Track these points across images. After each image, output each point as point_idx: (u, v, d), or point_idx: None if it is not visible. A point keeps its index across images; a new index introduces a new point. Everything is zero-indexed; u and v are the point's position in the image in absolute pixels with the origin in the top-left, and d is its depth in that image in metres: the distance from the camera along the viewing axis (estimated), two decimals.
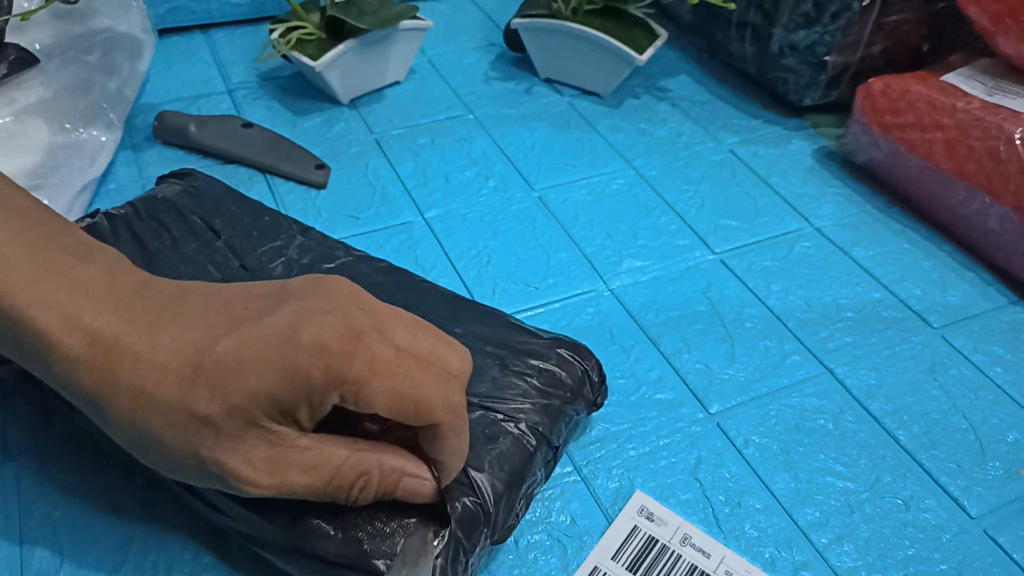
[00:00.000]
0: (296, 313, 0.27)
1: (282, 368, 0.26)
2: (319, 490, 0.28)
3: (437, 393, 0.28)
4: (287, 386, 0.26)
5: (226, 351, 0.26)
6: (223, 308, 0.28)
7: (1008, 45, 0.51)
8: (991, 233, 0.50)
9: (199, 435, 0.27)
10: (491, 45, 0.69)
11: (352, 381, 0.26)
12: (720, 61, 0.69)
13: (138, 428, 0.27)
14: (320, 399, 0.27)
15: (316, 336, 0.26)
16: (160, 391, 0.26)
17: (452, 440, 0.29)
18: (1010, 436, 0.41)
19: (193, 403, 0.26)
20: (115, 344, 0.27)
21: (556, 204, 0.53)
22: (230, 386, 0.26)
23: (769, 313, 0.47)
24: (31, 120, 0.49)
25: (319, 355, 0.26)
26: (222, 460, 0.27)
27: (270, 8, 0.69)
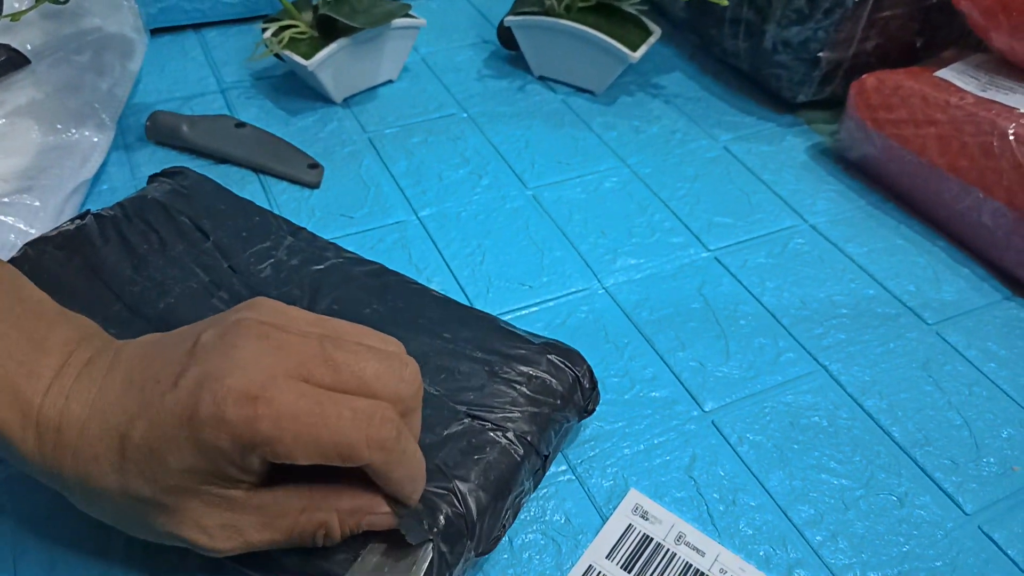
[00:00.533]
0: (195, 383, 0.26)
1: (191, 445, 0.26)
2: (282, 543, 0.29)
3: (358, 433, 0.26)
4: (204, 459, 0.26)
5: (141, 436, 0.27)
6: (142, 379, 0.28)
7: (1001, 40, 0.51)
8: (985, 229, 0.50)
9: (149, 514, 0.28)
10: (484, 43, 0.69)
11: (262, 443, 0.25)
12: (714, 58, 0.69)
13: (95, 509, 0.29)
14: (243, 463, 0.26)
15: (213, 409, 0.25)
16: (101, 481, 0.27)
17: (393, 474, 0.28)
18: (1004, 432, 0.41)
19: (131, 488, 0.27)
20: (58, 439, 0.28)
21: (550, 202, 0.53)
22: (155, 469, 0.27)
23: (763, 310, 0.47)
24: (22, 121, 0.49)
25: (220, 427, 0.25)
26: (179, 532, 0.28)
27: (262, 7, 0.68)
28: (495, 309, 0.46)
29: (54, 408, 0.28)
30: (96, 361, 0.29)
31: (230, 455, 0.26)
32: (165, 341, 0.29)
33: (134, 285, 0.39)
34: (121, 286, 0.39)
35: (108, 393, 0.28)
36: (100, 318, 0.33)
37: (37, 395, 0.28)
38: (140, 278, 0.40)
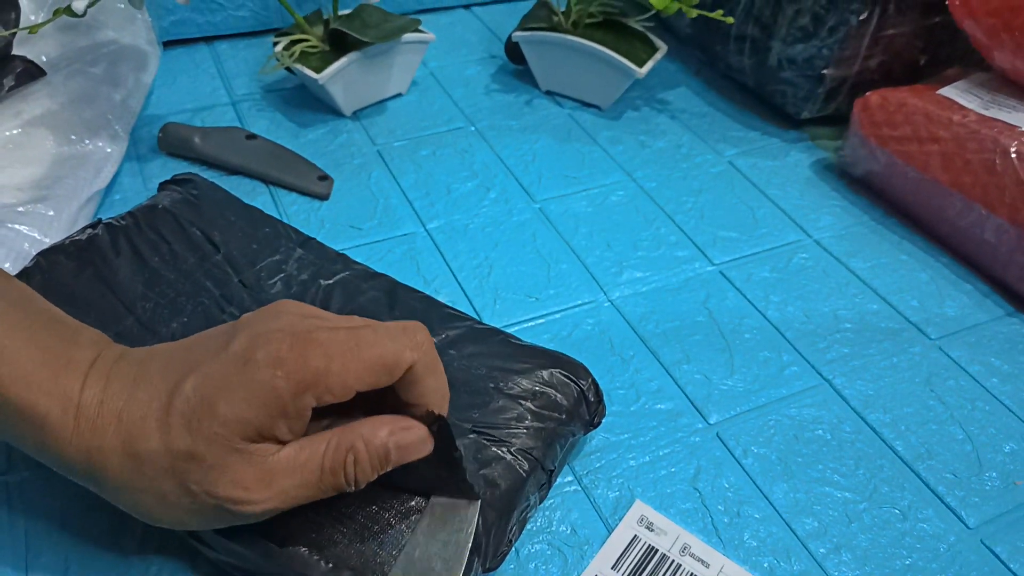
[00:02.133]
0: (249, 339, 0.28)
1: (246, 389, 0.27)
2: (315, 484, 0.29)
3: (396, 342, 0.29)
4: (256, 403, 0.27)
5: (192, 388, 0.28)
6: (185, 356, 0.29)
7: (1003, 59, 0.52)
8: (987, 245, 0.50)
9: (186, 472, 0.28)
10: (492, 58, 0.70)
11: (314, 376, 0.27)
12: (719, 74, 0.70)
13: (129, 486, 0.28)
14: (294, 408, 0.28)
15: (270, 351, 0.28)
16: (143, 441, 0.28)
17: (429, 379, 0.30)
18: (1007, 447, 0.42)
19: (173, 442, 0.27)
20: (99, 411, 0.28)
21: (557, 215, 0.54)
22: (202, 418, 0.27)
23: (768, 324, 0.48)
24: (37, 132, 0.50)
25: (276, 366, 0.27)
26: (214, 490, 0.28)
27: (274, 21, 0.69)
28: (502, 321, 0.46)
29: (92, 389, 0.29)
30: (129, 355, 0.31)
31: (283, 398, 0.27)
32: (196, 337, 0.31)
33: (146, 301, 0.40)
34: (133, 301, 0.39)
35: (152, 369, 0.29)
36: (112, 332, 0.33)
37: (77, 382, 0.29)
38: (152, 294, 0.40)
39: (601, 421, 0.39)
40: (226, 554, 0.31)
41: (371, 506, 0.31)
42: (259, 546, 0.30)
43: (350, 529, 0.31)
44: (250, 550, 0.30)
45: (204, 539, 0.32)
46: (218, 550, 0.31)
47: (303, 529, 0.31)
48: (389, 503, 0.32)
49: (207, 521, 0.29)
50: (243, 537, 0.31)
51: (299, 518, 0.31)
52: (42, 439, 0.28)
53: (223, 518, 0.29)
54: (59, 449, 0.28)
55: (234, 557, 0.31)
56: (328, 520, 0.31)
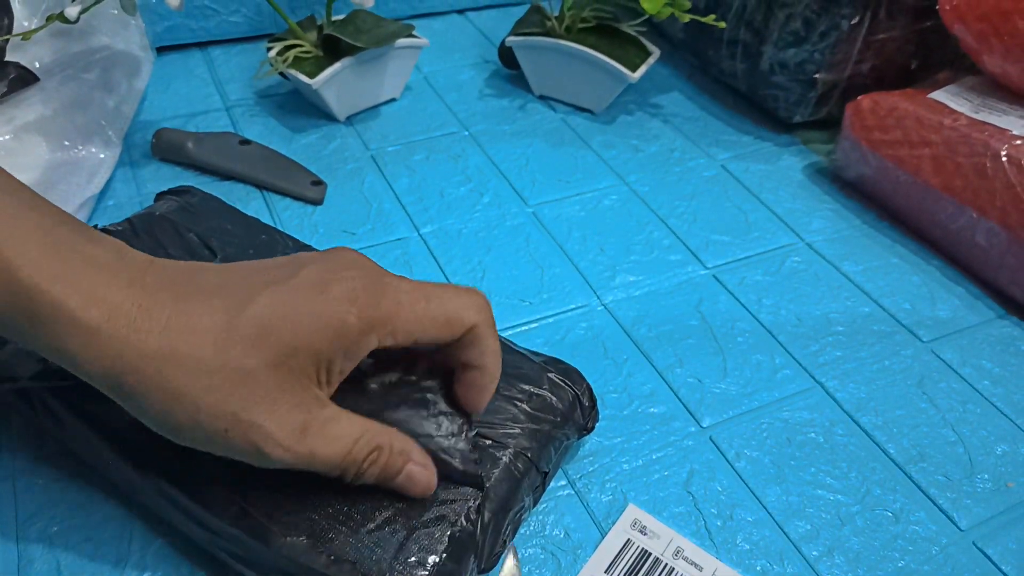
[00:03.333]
0: (320, 273, 0.29)
1: (320, 318, 0.27)
2: (336, 463, 0.29)
3: (461, 301, 0.30)
4: (326, 335, 0.27)
5: (261, 309, 0.27)
6: (242, 279, 0.29)
7: (993, 63, 0.52)
8: (978, 248, 0.50)
9: (235, 394, 0.27)
10: (486, 62, 0.70)
11: (384, 317, 0.29)
12: (712, 78, 0.70)
13: (168, 394, 0.27)
14: (356, 346, 0.28)
15: (345, 287, 0.28)
16: (195, 353, 0.26)
17: (489, 341, 0.32)
18: (998, 448, 0.42)
19: (231, 359, 0.27)
20: (137, 314, 0.26)
21: (550, 219, 0.54)
22: (270, 339, 0.27)
23: (760, 327, 0.48)
24: (30, 137, 0.50)
25: (351, 302, 0.28)
26: (259, 422, 0.27)
27: (267, 26, 0.69)
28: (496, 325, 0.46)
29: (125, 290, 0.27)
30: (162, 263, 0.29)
31: (349, 333, 0.28)
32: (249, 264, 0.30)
33: None
34: None
35: (202, 283, 0.28)
36: None
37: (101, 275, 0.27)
38: None
39: (595, 426, 0.39)
40: (228, 540, 0.31)
41: (367, 504, 0.32)
42: (262, 534, 0.31)
43: (347, 527, 0.31)
44: (253, 538, 0.31)
45: (207, 524, 0.32)
46: (221, 535, 0.31)
47: (304, 521, 0.31)
48: (387, 502, 0.32)
49: (227, 448, 0.28)
50: (246, 523, 0.31)
51: (300, 511, 0.31)
52: (63, 332, 0.26)
53: (247, 453, 0.28)
54: (84, 346, 0.26)
55: (236, 544, 0.31)
56: (327, 515, 0.31)
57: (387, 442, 0.30)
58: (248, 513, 0.31)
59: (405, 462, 0.31)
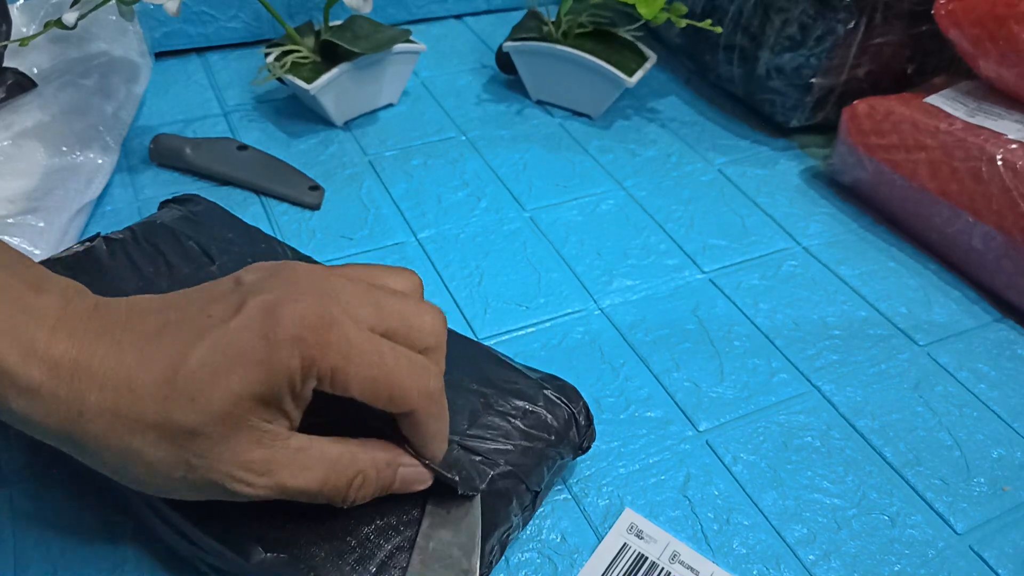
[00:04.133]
0: (264, 309, 0.27)
1: (262, 365, 0.26)
2: (314, 492, 0.28)
3: (410, 381, 0.28)
4: (268, 382, 0.26)
5: (200, 359, 0.26)
6: (182, 319, 0.27)
7: (989, 67, 0.52)
8: (975, 252, 0.51)
9: (186, 448, 0.26)
10: (483, 68, 0.70)
11: (327, 369, 0.27)
12: (708, 83, 0.70)
13: (116, 451, 0.26)
14: (300, 387, 0.27)
15: (292, 329, 0.26)
16: (135, 410, 0.26)
17: (431, 426, 0.30)
18: (994, 452, 0.42)
19: (174, 417, 0.26)
20: (76, 369, 0.26)
21: (547, 224, 0.54)
22: (211, 394, 0.26)
23: (757, 331, 0.48)
24: (28, 143, 0.50)
25: (296, 346, 0.26)
26: (217, 465, 0.27)
27: (265, 32, 0.70)
28: (492, 330, 0.46)
29: (64, 344, 0.26)
30: (106, 307, 0.28)
31: (294, 378, 0.27)
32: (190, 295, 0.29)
33: None
34: None
35: (143, 327, 0.27)
36: None
37: (41, 330, 0.26)
38: None
39: (591, 446, 0.38)
40: (210, 553, 0.31)
41: (350, 521, 0.31)
42: (243, 549, 0.30)
43: (330, 544, 0.31)
44: (234, 552, 0.30)
45: (190, 536, 0.31)
46: (203, 548, 0.31)
47: (286, 538, 0.31)
48: (370, 521, 0.31)
49: (196, 494, 0.28)
50: (228, 538, 0.31)
51: (283, 527, 0.31)
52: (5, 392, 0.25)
53: (214, 494, 0.28)
54: (28, 405, 0.26)
55: (217, 558, 0.31)
56: (309, 532, 0.31)
57: (369, 462, 0.29)
58: (230, 528, 0.31)
59: (395, 471, 0.30)
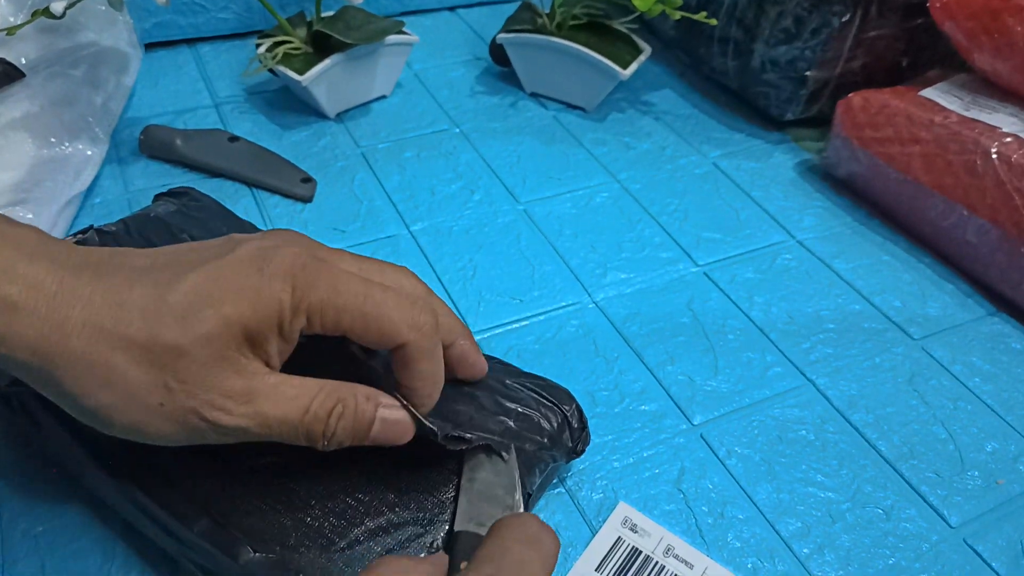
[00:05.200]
0: (257, 249, 0.28)
1: (253, 295, 0.26)
2: (295, 422, 0.28)
3: (400, 314, 0.29)
4: (258, 312, 0.26)
5: (193, 284, 0.26)
6: (172, 259, 0.28)
7: (983, 61, 0.52)
8: (969, 245, 0.50)
9: (168, 369, 0.26)
10: (477, 60, 0.70)
11: (317, 303, 0.27)
12: (703, 76, 0.70)
13: (96, 371, 0.25)
14: (289, 326, 0.27)
15: (281, 264, 0.27)
16: (121, 326, 0.25)
17: (422, 363, 0.30)
18: (988, 446, 0.42)
19: (161, 334, 0.25)
20: (60, 289, 0.25)
21: (541, 217, 0.54)
22: (201, 314, 0.26)
23: (751, 325, 0.48)
24: (16, 134, 0.49)
25: (285, 280, 0.27)
26: (195, 391, 0.26)
27: (256, 23, 0.69)
28: (486, 323, 0.46)
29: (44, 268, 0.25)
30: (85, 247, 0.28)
31: (283, 312, 0.27)
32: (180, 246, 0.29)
33: None
34: None
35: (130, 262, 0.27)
36: None
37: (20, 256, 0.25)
38: None
39: (585, 449, 0.38)
40: (196, 552, 0.31)
41: (340, 521, 0.31)
42: (231, 548, 0.30)
43: (319, 544, 0.30)
44: (222, 551, 0.30)
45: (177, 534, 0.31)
46: (190, 546, 0.31)
47: (275, 537, 0.30)
48: (359, 522, 0.31)
49: (171, 427, 0.27)
50: (216, 536, 0.30)
51: (271, 526, 0.31)
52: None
53: (190, 426, 0.27)
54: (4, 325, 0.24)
55: (204, 557, 0.31)
56: (298, 532, 0.31)
57: (349, 392, 0.29)
58: (218, 526, 0.30)
59: (375, 407, 0.29)
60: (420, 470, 0.33)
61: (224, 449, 0.33)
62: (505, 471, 0.32)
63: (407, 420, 0.30)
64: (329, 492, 0.32)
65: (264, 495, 0.31)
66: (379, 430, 0.30)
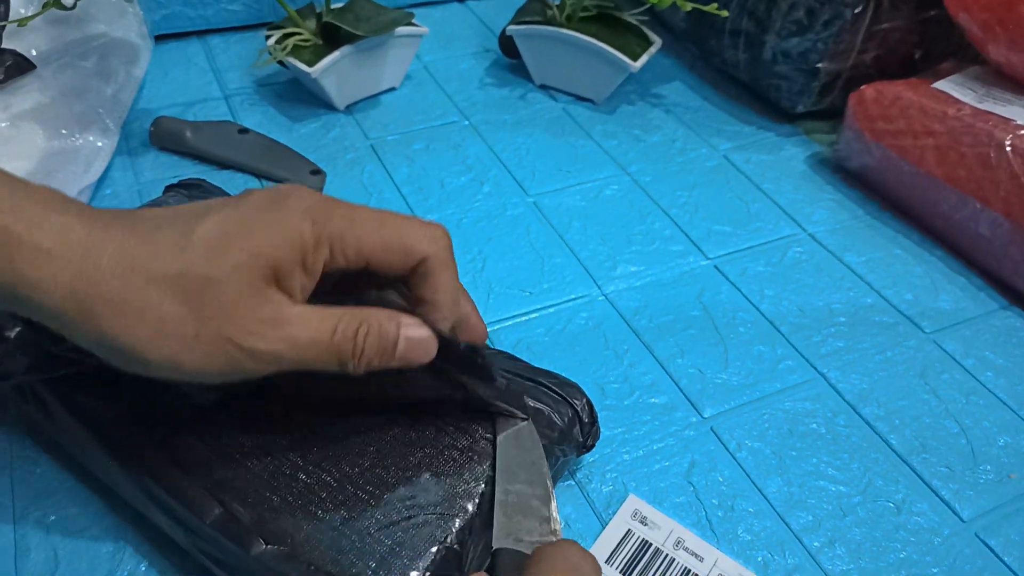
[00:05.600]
0: (274, 192, 0.29)
1: (276, 229, 0.28)
2: (325, 343, 0.28)
3: (420, 231, 0.30)
4: (282, 246, 0.28)
5: (217, 223, 0.27)
6: (193, 207, 0.29)
7: (998, 52, 0.52)
8: (982, 239, 0.50)
9: (200, 299, 0.26)
10: (486, 51, 0.69)
11: (336, 232, 0.29)
12: (714, 68, 0.69)
13: (131, 307, 0.26)
14: (312, 258, 0.28)
15: (301, 202, 0.29)
16: (153, 263, 0.26)
17: (443, 274, 0.31)
18: (1000, 440, 0.42)
19: (191, 267, 0.26)
20: (90, 236, 0.26)
21: (551, 209, 0.54)
22: (228, 247, 0.27)
23: (762, 318, 0.47)
24: (27, 125, 0.49)
25: (305, 214, 0.28)
26: (229, 319, 0.27)
27: (266, 15, 0.69)
28: (496, 315, 0.46)
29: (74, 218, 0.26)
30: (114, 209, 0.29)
31: (305, 244, 0.28)
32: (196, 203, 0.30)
33: None
34: None
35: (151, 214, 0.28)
36: None
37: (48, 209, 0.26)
38: None
39: (595, 443, 0.38)
40: (207, 542, 0.31)
41: (351, 513, 0.31)
42: (242, 539, 0.30)
43: (329, 537, 0.30)
44: (233, 542, 0.30)
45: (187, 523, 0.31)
46: (201, 536, 0.31)
47: (286, 529, 0.30)
48: (370, 515, 0.31)
49: (206, 359, 0.27)
50: (227, 527, 0.30)
51: (282, 517, 0.31)
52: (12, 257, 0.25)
53: (225, 356, 0.27)
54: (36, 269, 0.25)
55: (215, 547, 0.31)
56: (309, 524, 0.31)
57: (371, 313, 0.29)
58: (229, 517, 0.31)
59: (398, 326, 0.30)
60: (431, 464, 0.33)
61: (235, 436, 0.33)
62: (539, 481, 0.33)
63: (430, 336, 0.30)
64: (340, 485, 0.32)
65: (275, 487, 0.31)
66: (404, 349, 0.30)
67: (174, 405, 0.33)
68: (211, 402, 0.33)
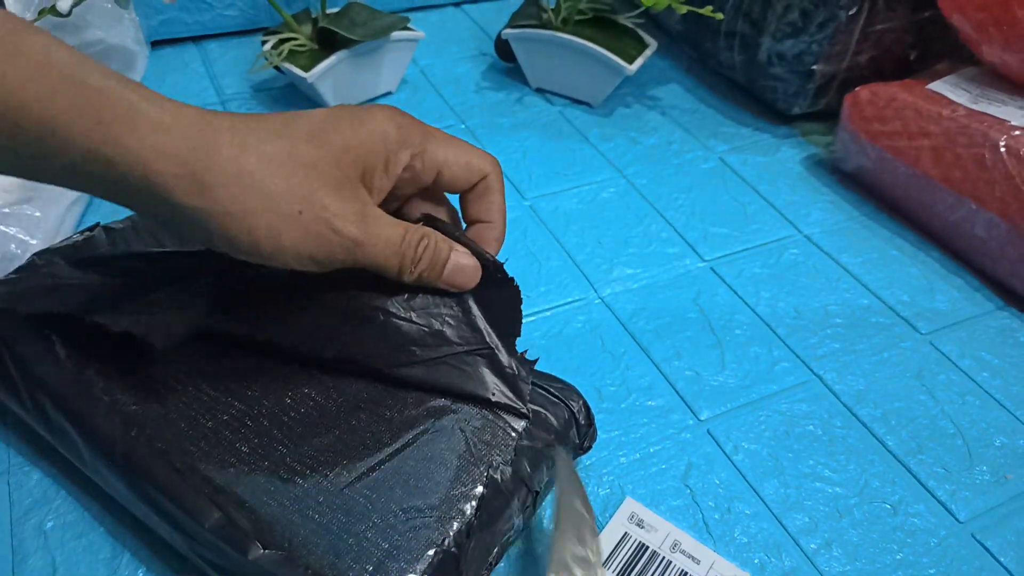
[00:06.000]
0: (358, 107, 0.32)
1: (365, 128, 0.31)
2: (396, 244, 0.32)
3: (480, 153, 0.35)
4: (371, 140, 0.31)
5: (313, 119, 0.30)
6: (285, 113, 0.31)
7: (992, 53, 0.52)
8: (978, 239, 0.50)
9: (305, 179, 0.29)
10: (482, 55, 0.70)
11: (417, 138, 0.33)
12: (710, 70, 0.70)
13: (242, 181, 0.28)
14: (395, 157, 0.32)
15: (382, 111, 0.32)
16: (263, 144, 0.29)
17: (497, 195, 0.35)
18: (997, 440, 0.42)
19: (297, 151, 0.29)
20: (203, 117, 0.28)
21: (547, 212, 0.54)
22: (326, 138, 0.30)
23: (758, 320, 0.47)
24: None
25: (391, 119, 0.32)
26: (328, 203, 0.30)
27: (262, 20, 0.69)
28: None
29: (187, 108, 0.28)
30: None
31: (389, 144, 0.32)
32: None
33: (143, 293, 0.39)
34: (128, 297, 0.39)
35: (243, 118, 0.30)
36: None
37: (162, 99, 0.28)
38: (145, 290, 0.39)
39: (591, 445, 0.38)
40: (206, 547, 0.31)
41: (348, 517, 0.31)
42: (240, 543, 0.30)
43: (327, 540, 0.30)
44: (231, 547, 0.30)
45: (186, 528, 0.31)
46: (199, 541, 0.31)
47: (284, 533, 0.30)
48: (367, 519, 0.31)
49: (303, 236, 0.30)
50: (226, 532, 0.30)
51: (280, 522, 0.31)
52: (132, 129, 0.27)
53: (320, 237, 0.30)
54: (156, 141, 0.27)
55: (213, 552, 0.31)
56: (307, 527, 0.31)
57: (431, 231, 0.33)
58: (227, 521, 0.31)
59: (450, 248, 0.34)
60: (428, 467, 0.33)
61: (233, 442, 0.33)
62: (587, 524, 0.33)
63: (476, 267, 0.34)
64: (337, 488, 0.32)
65: (273, 492, 0.31)
66: (450, 271, 0.34)
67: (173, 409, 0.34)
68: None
